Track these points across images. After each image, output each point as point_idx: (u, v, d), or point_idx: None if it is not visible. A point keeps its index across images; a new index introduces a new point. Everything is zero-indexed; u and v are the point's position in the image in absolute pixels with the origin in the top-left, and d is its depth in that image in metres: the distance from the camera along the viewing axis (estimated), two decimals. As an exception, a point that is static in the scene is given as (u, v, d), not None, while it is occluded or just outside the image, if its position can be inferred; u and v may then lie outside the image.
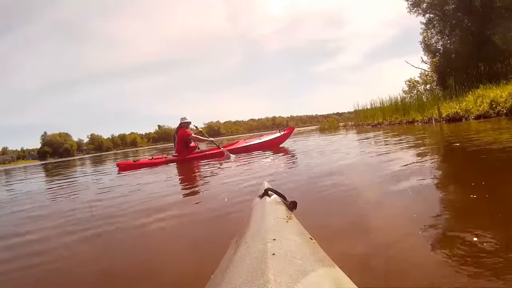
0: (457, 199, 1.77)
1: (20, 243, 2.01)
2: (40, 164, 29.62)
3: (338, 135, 10.44)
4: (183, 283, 1.23)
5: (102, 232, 2.03)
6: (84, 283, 1.37)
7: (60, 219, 2.50)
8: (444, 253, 1.08)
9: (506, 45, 12.95)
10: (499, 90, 9.62)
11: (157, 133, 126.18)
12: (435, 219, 1.41)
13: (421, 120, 11.90)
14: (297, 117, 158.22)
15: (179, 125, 6.71)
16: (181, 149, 6.63)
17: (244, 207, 1.94)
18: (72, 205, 3.10)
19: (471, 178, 2.12)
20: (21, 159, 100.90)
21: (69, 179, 6.80)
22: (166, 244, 1.72)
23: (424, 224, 1.35)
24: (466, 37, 14.90)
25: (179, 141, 6.61)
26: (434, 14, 16.46)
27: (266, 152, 6.23)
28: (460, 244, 1.12)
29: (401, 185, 2.11)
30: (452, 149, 3.73)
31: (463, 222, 1.39)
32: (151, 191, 3.31)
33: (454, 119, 10.12)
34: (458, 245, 1.11)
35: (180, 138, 6.57)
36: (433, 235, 1.25)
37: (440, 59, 16.59)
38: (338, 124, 20.59)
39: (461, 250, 1.07)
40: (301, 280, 0.50)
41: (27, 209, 3.18)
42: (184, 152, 6.59)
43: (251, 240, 0.69)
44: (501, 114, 8.81)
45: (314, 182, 2.64)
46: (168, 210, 2.36)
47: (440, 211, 1.55)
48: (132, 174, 5.44)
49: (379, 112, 15.99)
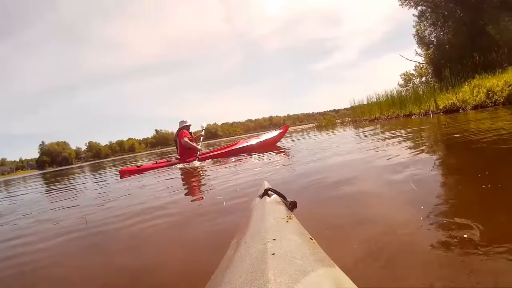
0: (465, 193, 1.72)
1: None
2: (39, 174, 29.53)
3: (336, 132, 10.44)
4: (183, 283, 1.23)
5: (101, 234, 2.04)
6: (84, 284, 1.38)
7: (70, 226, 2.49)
8: (448, 250, 1.07)
9: (499, 35, 12.97)
10: (495, 79, 9.63)
11: (155, 138, 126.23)
12: (441, 216, 1.41)
13: (418, 113, 11.91)
14: (294, 115, 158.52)
15: (179, 128, 6.70)
16: (183, 152, 6.61)
17: (243, 207, 1.94)
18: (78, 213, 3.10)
19: (477, 170, 2.11)
20: (20, 169, 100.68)
21: (75, 187, 6.78)
22: (166, 244, 1.72)
23: (429, 217, 1.35)
24: (459, 28, 14.91)
25: (180, 144, 6.60)
26: (426, 6, 16.48)
27: (265, 152, 6.23)
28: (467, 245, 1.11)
29: (404, 178, 2.11)
30: (453, 140, 3.72)
31: (472, 218, 1.36)
32: (149, 193, 3.31)
33: (452, 110, 10.13)
34: (466, 245, 1.10)
35: (180, 141, 6.56)
36: (439, 230, 1.24)
37: (434, 51, 16.61)
38: (335, 121, 20.57)
39: (466, 249, 1.07)
40: (301, 280, 0.50)
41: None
42: (186, 155, 6.56)
43: (251, 240, 0.69)
44: (498, 103, 8.82)
45: (312, 178, 2.64)
46: (167, 212, 2.35)
47: (447, 206, 1.54)
48: (136, 178, 5.44)
49: (375, 107, 15.96)
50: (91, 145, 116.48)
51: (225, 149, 7.02)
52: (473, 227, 1.16)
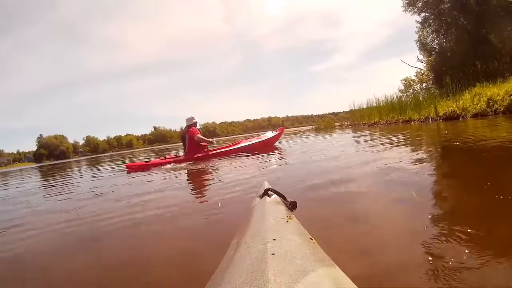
0: (466, 204, 1.65)
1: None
2: (36, 167, 29.41)
3: (335, 135, 10.45)
4: (183, 283, 1.22)
5: (101, 232, 2.03)
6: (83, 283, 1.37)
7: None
8: (449, 256, 1.07)
9: (502, 44, 12.99)
10: (496, 88, 9.62)
11: (153, 135, 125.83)
12: (441, 221, 1.41)
13: (417, 119, 11.89)
14: (292, 117, 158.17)
15: (188, 125, 6.75)
16: (192, 149, 6.63)
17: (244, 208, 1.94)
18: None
19: (479, 179, 2.10)
20: (17, 161, 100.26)
21: (83, 182, 6.77)
22: (166, 245, 1.71)
23: (428, 217, 1.35)
24: (462, 35, 14.94)
25: (191, 141, 6.62)
26: (429, 13, 16.50)
27: (266, 153, 6.25)
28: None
29: (402, 182, 2.11)
30: (455, 148, 3.72)
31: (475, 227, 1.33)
32: (152, 190, 3.30)
33: (451, 118, 10.12)
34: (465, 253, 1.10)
35: (191, 137, 6.59)
36: (436, 232, 1.25)
37: (436, 57, 16.64)
38: (334, 124, 20.52)
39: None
40: (301, 280, 0.50)
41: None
42: (195, 151, 6.60)
43: (251, 240, 0.69)
44: (499, 112, 8.82)
45: (312, 178, 2.64)
46: (168, 211, 2.35)
47: (448, 215, 1.54)
48: (141, 174, 5.46)
49: (375, 111, 15.95)
50: (89, 139, 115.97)
51: (230, 147, 7.09)
52: (474, 236, 1.16)
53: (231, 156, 6.38)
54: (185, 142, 6.76)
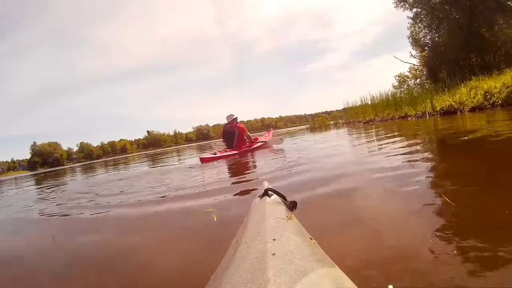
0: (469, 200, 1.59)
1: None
2: (31, 175, 29.16)
3: (330, 133, 10.46)
4: (183, 283, 1.22)
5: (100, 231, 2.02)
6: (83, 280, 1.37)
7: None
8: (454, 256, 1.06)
9: (494, 37, 13.09)
10: (493, 81, 9.65)
11: (147, 139, 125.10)
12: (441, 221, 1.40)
13: (414, 115, 11.84)
14: (286, 117, 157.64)
15: (231, 121, 7.27)
16: (240, 143, 7.14)
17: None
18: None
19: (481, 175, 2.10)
20: (11, 170, 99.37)
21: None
22: (166, 244, 1.71)
23: (428, 218, 1.35)
24: (454, 30, 15.05)
25: (240, 136, 7.13)
26: (421, 8, 16.61)
27: (265, 153, 6.28)
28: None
29: (405, 182, 2.10)
30: (460, 145, 3.68)
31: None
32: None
33: (449, 112, 10.10)
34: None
35: (240, 133, 7.14)
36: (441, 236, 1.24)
37: (429, 52, 16.77)
38: (328, 123, 20.44)
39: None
40: (301, 280, 0.49)
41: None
42: (242, 145, 7.14)
43: (251, 240, 0.69)
44: (496, 105, 8.82)
45: (312, 179, 2.66)
46: (169, 210, 2.34)
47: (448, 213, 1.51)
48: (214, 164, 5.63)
49: (370, 108, 15.86)
50: (83, 146, 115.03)
51: (257, 143, 7.55)
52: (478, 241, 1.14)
53: (262, 150, 7.03)
54: (229, 137, 7.23)
